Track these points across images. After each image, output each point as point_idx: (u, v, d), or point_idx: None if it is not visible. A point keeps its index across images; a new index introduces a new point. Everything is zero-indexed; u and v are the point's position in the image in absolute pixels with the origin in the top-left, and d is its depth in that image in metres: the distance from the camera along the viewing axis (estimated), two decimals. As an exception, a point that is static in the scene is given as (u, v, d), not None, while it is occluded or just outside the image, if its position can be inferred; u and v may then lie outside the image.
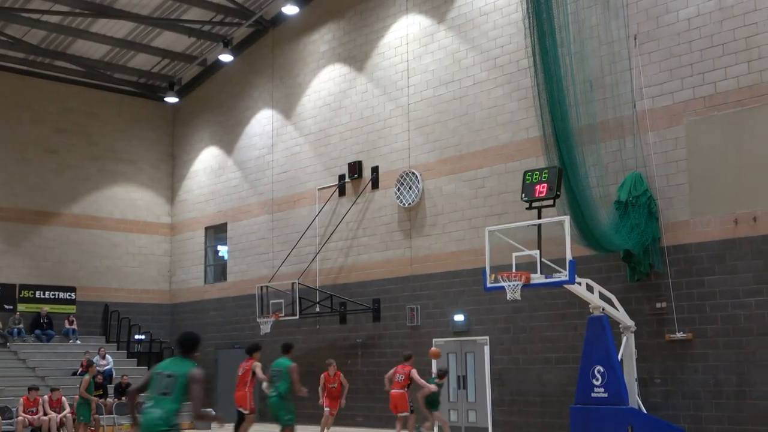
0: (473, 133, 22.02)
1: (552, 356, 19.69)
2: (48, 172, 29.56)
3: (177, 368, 8.22)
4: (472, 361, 21.48)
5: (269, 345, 26.71)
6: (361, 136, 25.03)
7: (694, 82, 17.74)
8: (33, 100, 29.51)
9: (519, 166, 20.11)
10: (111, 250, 30.64)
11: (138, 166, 31.66)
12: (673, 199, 17.85)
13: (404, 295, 23.19)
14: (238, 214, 29.24)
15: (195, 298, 30.65)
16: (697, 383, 17.18)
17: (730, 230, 17.00)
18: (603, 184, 17.86)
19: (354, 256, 24.81)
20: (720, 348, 16.95)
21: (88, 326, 29.47)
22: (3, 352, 26.22)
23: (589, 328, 16.77)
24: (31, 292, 28.67)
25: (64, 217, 29.80)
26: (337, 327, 25.04)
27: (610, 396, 16.20)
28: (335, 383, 20.16)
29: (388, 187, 23.94)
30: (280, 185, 27.62)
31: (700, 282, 17.31)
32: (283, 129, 27.80)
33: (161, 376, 8.17)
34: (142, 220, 31.49)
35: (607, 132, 18.51)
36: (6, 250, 28.51)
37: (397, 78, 24.18)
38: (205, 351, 28.87)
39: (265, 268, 27.45)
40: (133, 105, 31.77)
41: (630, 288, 18.22)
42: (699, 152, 17.60)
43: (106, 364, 25.64)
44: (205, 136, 31.12)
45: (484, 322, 21.23)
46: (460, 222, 22.02)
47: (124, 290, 30.65)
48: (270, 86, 28.50)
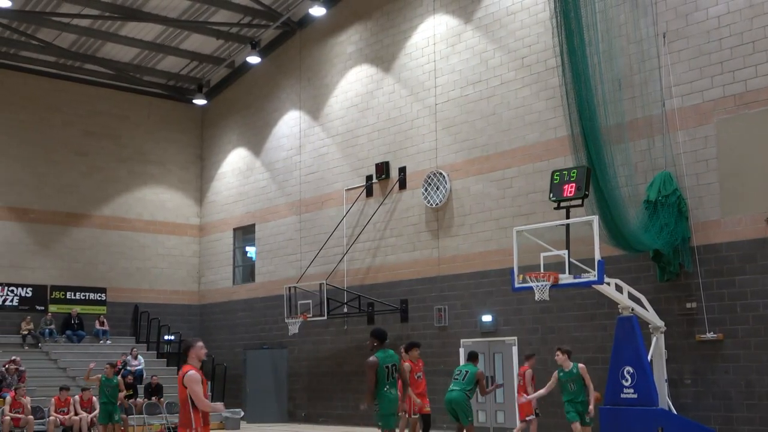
0: (501, 133, 21.95)
1: (581, 357, 19.50)
2: (78, 174, 29.83)
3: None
4: (500, 362, 21.42)
5: (298, 344, 26.83)
6: (389, 137, 25.03)
7: (724, 81, 17.58)
8: (63, 103, 29.80)
9: (547, 165, 20.02)
10: (141, 252, 30.87)
11: (167, 168, 31.88)
12: (703, 198, 17.69)
13: (432, 295, 23.16)
14: (267, 215, 29.34)
15: (224, 298, 30.80)
16: (728, 384, 17.02)
17: (761, 229, 16.82)
18: (632, 183, 17.74)
19: (381, 256, 24.82)
20: (751, 348, 16.78)
21: (118, 327, 29.71)
22: (35, 353, 26.50)
23: (619, 329, 16.65)
24: (62, 293, 28.95)
25: (95, 218, 30.05)
26: (365, 327, 25.02)
27: (639, 397, 16.09)
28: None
29: (415, 187, 23.93)
30: (308, 186, 27.69)
31: (731, 282, 17.14)
32: (311, 130, 27.87)
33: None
34: (171, 221, 31.68)
35: (636, 131, 18.39)
36: (37, 251, 28.80)
37: (424, 78, 24.17)
38: (234, 351, 29.04)
39: (293, 269, 27.53)
40: (162, 107, 31.99)
41: (660, 288, 18.08)
42: (729, 151, 17.43)
43: (138, 365, 25.84)
44: (234, 138, 31.27)
45: (512, 323, 21.16)
46: (488, 222, 21.95)
47: (153, 291, 30.86)
48: (297, 87, 28.59)
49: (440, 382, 22.51)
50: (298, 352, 27.02)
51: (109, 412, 20.34)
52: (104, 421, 20.42)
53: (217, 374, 28.30)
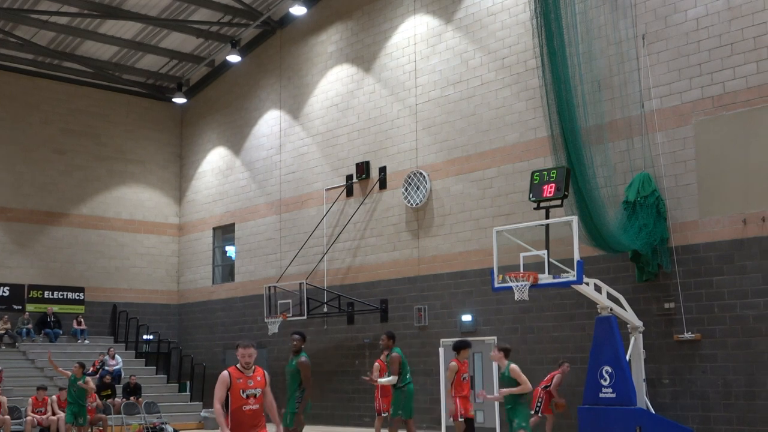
0: (481, 133, 22.00)
1: (560, 357, 19.64)
2: (56, 172, 29.64)
3: None
4: (480, 362, 21.45)
5: (277, 344, 26.77)
6: (369, 137, 25.04)
7: (703, 82, 17.70)
8: (41, 101, 29.60)
9: (527, 166, 20.10)
10: (119, 251, 30.72)
11: (146, 167, 31.74)
12: (681, 199, 17.81)
13: (412, 295, 23.18)
14: (246, 214, 29.28)
15: (203, 298, 30.70)
16: (706, 384, 17.14)
17: (738, 230, 16.95)
18: (611, 184, 17.84)
19: (362, 256, 24.82)
20: (729, 348, 16.90)
21: (96, 326, 29.55)
22: (12, 353, 26.31)
23: (597, 329, 16.74)
24: (40, 293, 28.76)
25: (73, 217, 29.87)
26: (345, 327, 25.05)
27: (618, 396, 16.18)
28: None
29: (395, 187, 23.94)
30: (288, 186, 27.65)
31: (709, 282, 17.27)
32: (291, 129, 27.83)
33: None
34: (150, 220, 31.55)
35: (616, 132, 18.49)
36: (15, 250, 28.60)
37: (404, 78, 24.19)
38: (213, 351, 28.97)
39: (272, 269, 27.48)
40: (141, 106, 31.85)
41: (638, 288, 18.19)
42: (707, 152, 17.56)
43: (116, 364, 25.71)
44: (213, 137, 31.18)
45: (492, 323, 21.22)
46: (468, 222, 22.00)
47: (132, 290, 30.72)
48: (278, 87, 28.53)
49: (420, 381, 22.58)
50: (277, 351, 26.95)
51: (74, 413, 19.91)
52: (70, 420, 20.09)
53: (196, 374, 28.20)
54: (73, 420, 19.92)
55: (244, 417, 9.44)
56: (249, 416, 9.42)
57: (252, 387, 9.47)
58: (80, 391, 19.93)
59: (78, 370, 20.00)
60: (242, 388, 9.42)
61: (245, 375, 9.50)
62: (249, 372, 9.53)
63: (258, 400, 9.51)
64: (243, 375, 9.49)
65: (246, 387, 9.43)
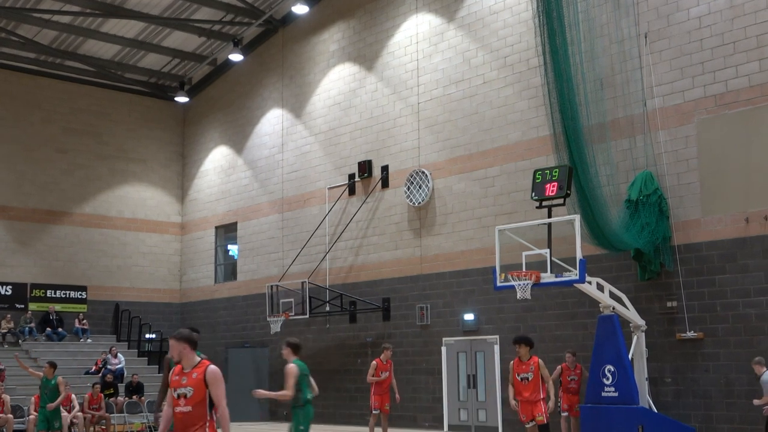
0: (483, 132, 22.00)
1: (562, 355, 19.62)
2: (58, 171, 29.66)
3: None
4: (482, 360, 21.46)
5: (279, 343, 26.72)
6: (371, 136, 25.03)
7: (705, 81, 17.69)
8: (43, 100, 29.62)
9: (529, 165, 20.10)
10: (121, 250, 30.74)
11: (148, 166, 31.75)
12: (683, 197, 17.80)
13: (414, 294, 23.18)
14: (249, 213, 29.28)
15: (205, 297, 30.72)
16: (708, 382, 17.13)
17: (741, 229, 16.94)
18: (613, 182, 17.83)
19: (364, 255, 24.82)
20: (731, 347, 16.89)
21: (98, 325, 29.58)
22: (14, 351, 26.29)
23: (600, 328, 16.73)
24: (42, 292, 28.78)
25: (75, 216, 29.90)
26: (347, 326, 25.05)
27: (620, 395, 16.17)
28: (387, 371, 18.26)
29: (398, 186, 23.94)
30: (290, 184, 27.65)
31: (711, 281, 17.26)
32: (293, 128, 27.83)
33: None
34: (152, 219, 31.57)
35: (618, 131, 18.48)
36: (17, 249, 28.62)
37: (406, 77, 24.18)
38: (215, 350, 28.97)
39: (275, 268, 27.49)
40: (143, 105, 31.86)
41: (640, 287, 18.18)
42: (710, 151, 17.55)
43: (118, 363, 25.72)
44: (216, 136, 31.18)
45: (494, 321, 21.22)
46: (470, 221, 22.00)
47: (134, 289, 30.74)
48: (280, 85, 28.53)
49: (422, 380, 22.58)
50: (279, 350, 26.91)
51: (47, 418, 18.46)
52: (42, 427, 18.51)
53: (198, 373, 28.16)
54: (45, 426, 18.43)
55: (176, 420, 7.98)
56: (179, 419, 7.93)
57: (184, 385, 7.91)
58: (53, 392, 18.57)
59: (49, 371, 18.68)
60: (175, 386, 7.98)
61: (183, 371, 8.01)
62: (187, 369, 7.97)
63: (189, 402, 7.84)
64: (182, 371, 8.02)
65: (179, 385, 7.94)
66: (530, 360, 13.89)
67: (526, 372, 13.85)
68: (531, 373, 13.83)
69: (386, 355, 18.22)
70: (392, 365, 18.51)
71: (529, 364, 13.85)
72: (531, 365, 13.87)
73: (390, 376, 18.29)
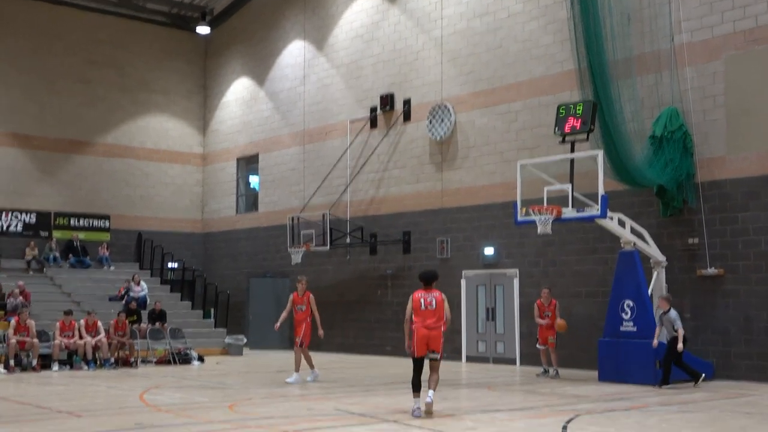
0: (507, 66, 21.83)
1: (582, 290, 19.78)
2: (80, 102, 29.70)
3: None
4: (501, 294, 21.63)
5: (299, 274, 26.99)
6: (393, 68, 24.89)
7: (735, 16, 17.44)
8: (64, 31, 29.53)
9: (553, 100, 19.98)
10: (144, 180, 30.93)
11: (170, 98, 31.75)
12: (708, 134, 17.69)
13: (435, 227, 23.28)
14: (270, 145, 29.33)
15: (227, 227, 30.96)
16: (727, 319, 17.23)
17: (766, 167, 16.85)
18: (638, 118, 17.72)
19: (385, 188, 24.88)
20: (751, 284, 16.95)
21: (121, 254, 29.92)
22: (40, 278, 26.72)
23: (620, 263, 16.83)
24: (66, 220, 29.10)
25: (98, 146, 30.04)
26: (368, 258, 25.24)
27: (638, 330, 16.34)
28: (303, 304, 17.18)
29: (419, 119, 23.88)
30: (312, 117, 27.63)
31: (734, 218, 17.24)
32: (315, 60, 27.70)
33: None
34: (174, 150, 31.69)
35: (644, 66, 18.30)
36: (40, 178, 28.85)
37: (430, 9, 23.93)
38: (237, 279, 29.30)
39: (296, 199, 27.63)
40: (164, 36, 31.73)
41: (662, 223, 18.19)
42: (737, 88, 17.37)
43: (141, 291, 26.04)
44: (237, 67, 31.09)
45: (514, 256, 21.32)
46: (492, 155, 21.97)
47: (157, 219, 31.00)
48: (302, 17, 28.32)
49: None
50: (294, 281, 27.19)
51: None
52: None
53: (220, 301, 28.58)
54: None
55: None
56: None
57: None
58: None
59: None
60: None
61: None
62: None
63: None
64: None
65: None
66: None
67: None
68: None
69: (301, 287, 17.19)
70: (311, 298, 17.17)
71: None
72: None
73: (308, 309, 17.08)
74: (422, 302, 11.94)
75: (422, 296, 12.05)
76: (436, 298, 11.98)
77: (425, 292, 12.10)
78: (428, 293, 12.07)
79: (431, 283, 12.24)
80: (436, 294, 12.06)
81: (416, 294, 12.13)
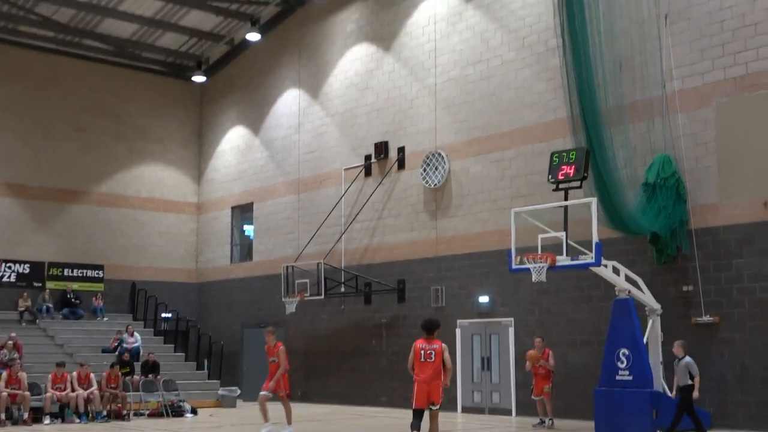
0: (500, 113, 21.88)
1: (577, 338, 19.61)
2: (76, 150, 29.75)
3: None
4: (496, 343, 21.45)
5: (295, 323, 26.84)
6: (388, 116, 24.96)
7: (725, 63, 17.51)
8: (61, 79, 29.68)
9: (546, 147, 19.97)
10: (138, 229, 30.85)
11: (165, 146, 31.80)
12: (701, 181, 17.66)
13: (429, 275, 23.16)
14: (265, 193, 29.30)
15: (221, 277, 30.81)
16: (724, 367, 17.05)
17: (759, 213, 16.81)
18: (631, 165, 17.70)
19: (379, 236, 24.80)
20: (747, 332, 16.80)
21: (115, 304, 29.72)
22: (32, 329, 26.49)
23: (615, 311, 16.68)
24: (60, 270, 28.93)
25: (92, 195, 30.01)
26: (362, 307, 25.08)
27: (634, 379, 16.14)
28: (275, 357, 16.34)
29: (414, 167, 23.87)
30: (307, 165, 27.64)
31: (728, 265, 17.14)
32: (310, 109, 27.78)
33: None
34: (169, 199, 31.66)
35: (636, 113, 18.32)
36: (35, 228, 28.77)
37: (424, 58, 24.06)
38: (231, 329, 29.09)
39: (290, 248, 27.52)
40: (160, 84, 31.88)
41: (656, 271, 18.08)
42: (728, 134, 17.38)
43: (134, 342, 25.81)
44: (233, 116, 31.18)
45: (509, 304, 21.18)
46: (486, 203, 21.93)
47: (151, 268, 30.86)
48: (297, 66, 28.47)
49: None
50: (294, 331, 27.05)
51: None
52: None
53: (214, 352, 28.32)
54: None
55: None
56: None
57: None
58: None
59: None
60: None
61: None
62: None
63: None
64: None
65: None
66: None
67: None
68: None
69: (270, 339, 16.40)
70: (281, 349, 16.32)
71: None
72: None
73: (278, 362, 16.26)
74: (422, 354, 12.28)
75: (423, 347, 12.36)
76: (435, 350, 12.26)
77: (426, 342, 12.40)
78: (429, 344, 12.37)
79: (433, 331, 12.48)
80: (436, 345, 12.32)
81: (417, 343, 12.43)
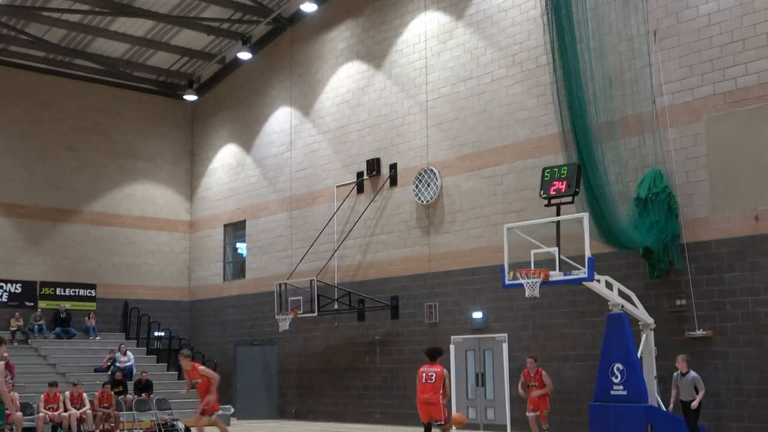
0: (492, 129, 21.97)
1: (571, 353, 19.63)
2: (68, 169, 29.74)
3: None
4: (490, 359, 21.43)
5: (288, 341, 26.79)
6: (380, 134, 25.02)
7: (715, 78, 17.63)
8: (53, 99, 29.70)
9: (538, 162, 20.06)
10: (130, 248, 30.80)
11: (157, 164, 31.81)
12: (693, 195, 17.74)
13: (423, 292, 23.17)
14: (257, 211, 29.31)
15: (214, 295, 30.76)
16: (718, 381, 17.08)
17: (750, 227, 16.88)
18: (622, 180, 17.78)
19: (372, 253, 24.81)
20: (740, 345, 16.84)
21: (108, 323, 29.64)
22: (24, 349, 26.40)
23: (609, 326, 16.70)
24: (52, 290, 28.86)
25: (85, 214, 29.97)
26: (356, 324, 25.05)
27: (629, 393, 16.13)
28: (197, 378, 15.96)
29: (406, 184, 23.92)
30: (299, 182, 27.67)
31: (721, 279, 17.21)
32: (302, 126, 27.84)
33: None
34: (161, 217, 31.64)
35: (627, 128, 18.43)
36: (27, 247, 28.71)
37: (415, 75, 24.16)
38: (224, 347, 29.01)
39: (283, 266, 27.51)
40: (152, 103, 31.92)
41: (649, 285, 18.13)
42: (719, 148, 17.49)
43: (127, 361, 25.75)
44: (224, 134, 31.21)
45: (503, 319, 21.19)
46: (479, 219, 21.98)
47: (143, 287, 30.80)
48: (288, 84, 28.54)
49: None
50: (288, 348, 27.01)
51: None
52: None
53: (207, 371, 28.19)
54: None
55: None
56: None
57: None
58: None
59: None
60: None
61: None
62: None
63: None
64: None
65: None
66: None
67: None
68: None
69: (185, 363, 16.15)
70: (200, 368, 16.08)
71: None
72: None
73: (205, 380, 15.86)
74: (424, 376, 13.92)
75: (425, 371, 14.01)
76: (436, 373, 13.83)
77: (428, 366, 14.04)
78: (430, 368, 13.99)
79: (435, 358, 14.16)
80: (437, 369, 13.89)
81: (421, 369, 14.11)
